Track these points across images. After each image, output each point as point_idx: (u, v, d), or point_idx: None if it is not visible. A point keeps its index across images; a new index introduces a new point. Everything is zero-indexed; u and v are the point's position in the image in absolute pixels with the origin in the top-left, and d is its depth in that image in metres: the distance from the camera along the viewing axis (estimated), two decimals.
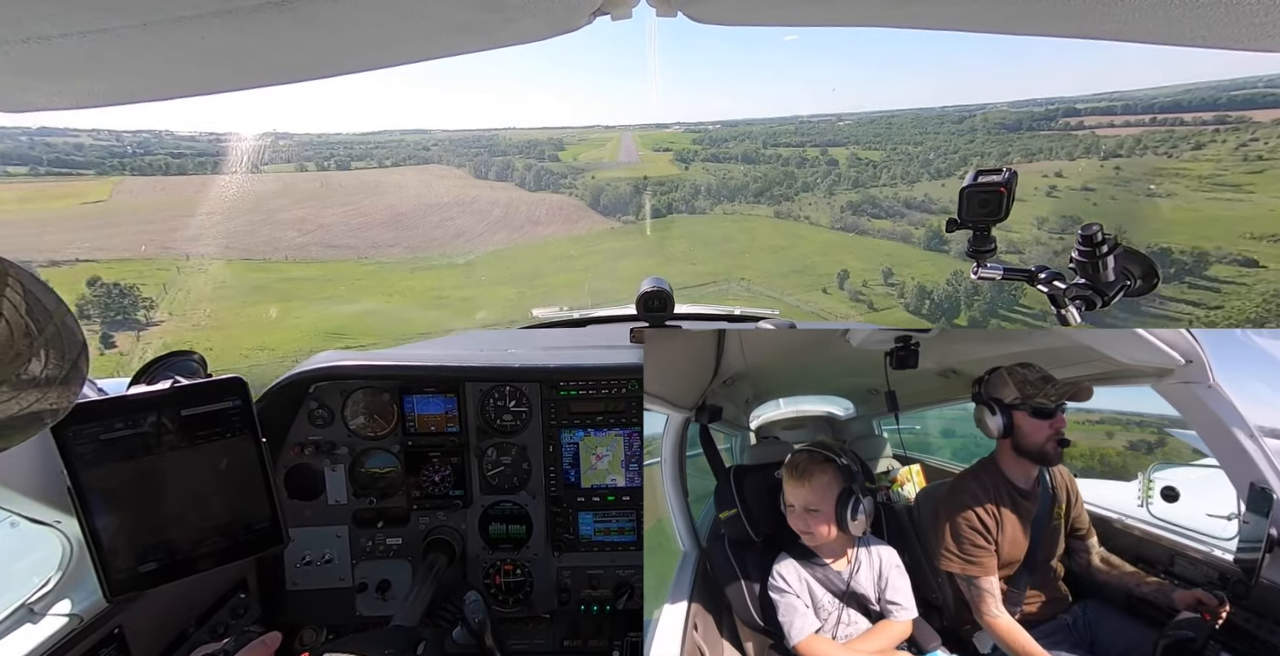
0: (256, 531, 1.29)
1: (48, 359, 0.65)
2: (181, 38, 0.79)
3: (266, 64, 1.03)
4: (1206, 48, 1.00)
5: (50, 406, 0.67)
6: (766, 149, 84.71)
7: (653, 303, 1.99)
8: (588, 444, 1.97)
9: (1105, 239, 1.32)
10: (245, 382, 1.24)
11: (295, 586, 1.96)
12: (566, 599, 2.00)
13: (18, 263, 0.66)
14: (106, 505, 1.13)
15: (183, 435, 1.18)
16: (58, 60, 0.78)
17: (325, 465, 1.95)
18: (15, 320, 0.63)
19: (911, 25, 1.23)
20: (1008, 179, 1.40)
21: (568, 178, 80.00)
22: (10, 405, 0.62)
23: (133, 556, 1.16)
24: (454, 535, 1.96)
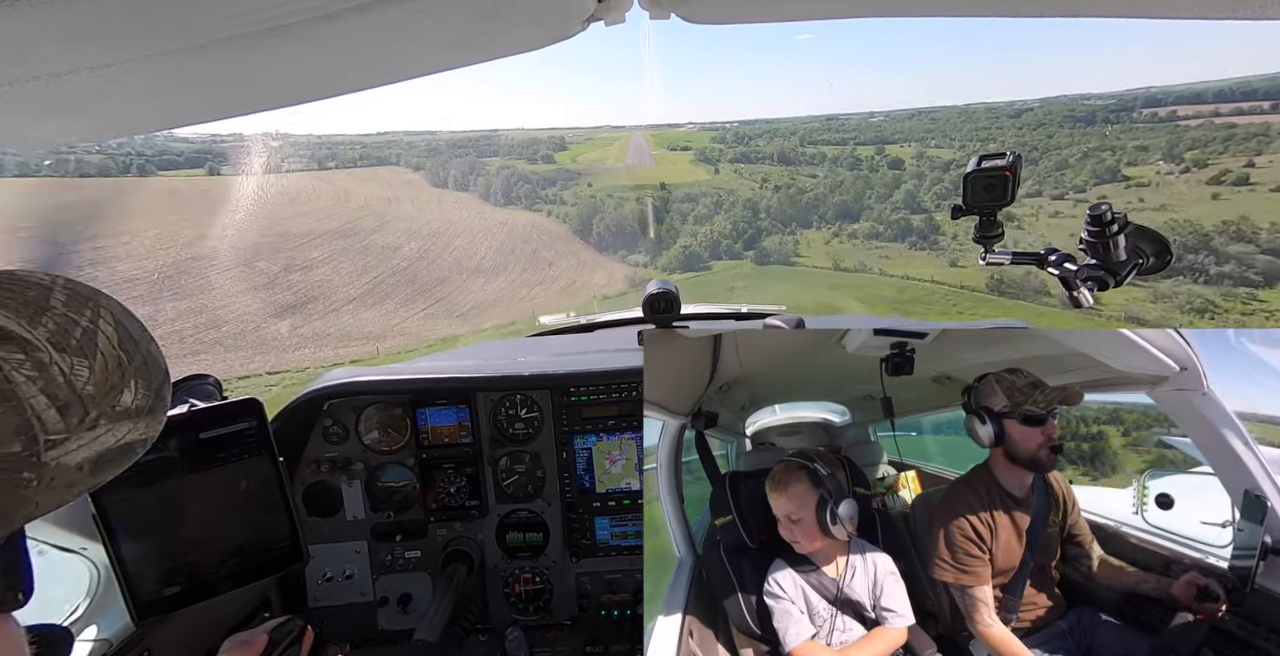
0: (277, 550, 1.30)
1: (137, 389, 0.66)
2: (187, 67, 0.80)
3: (271, 88, 1.05)
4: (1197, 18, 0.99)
5: (141, 437, 0.68)
6: (804, 147, 71.45)
7: (659, 305, 1.99)
8: (601, 448, 1.98)
9: (1115, 218, 1.28)
10: (261, 403, 1.26)
11: (317, 603, 1.97)
12: (586, 605, 2.00)
13: None
14: (130, 530, 1.14)
15: (201, 458, 1.20)
16: (67, 96, 0.79)
17: (342, 481, 1.96)
18: (109, 352, 0.64)
19: (900, 13, 1.23)
20: (1012, 163, 1.38)
21: (556, 184, 62.70)
22: (107, 437, 0.63)
23: (158, 580, 1.17)
24: (472, 545, 1.97)
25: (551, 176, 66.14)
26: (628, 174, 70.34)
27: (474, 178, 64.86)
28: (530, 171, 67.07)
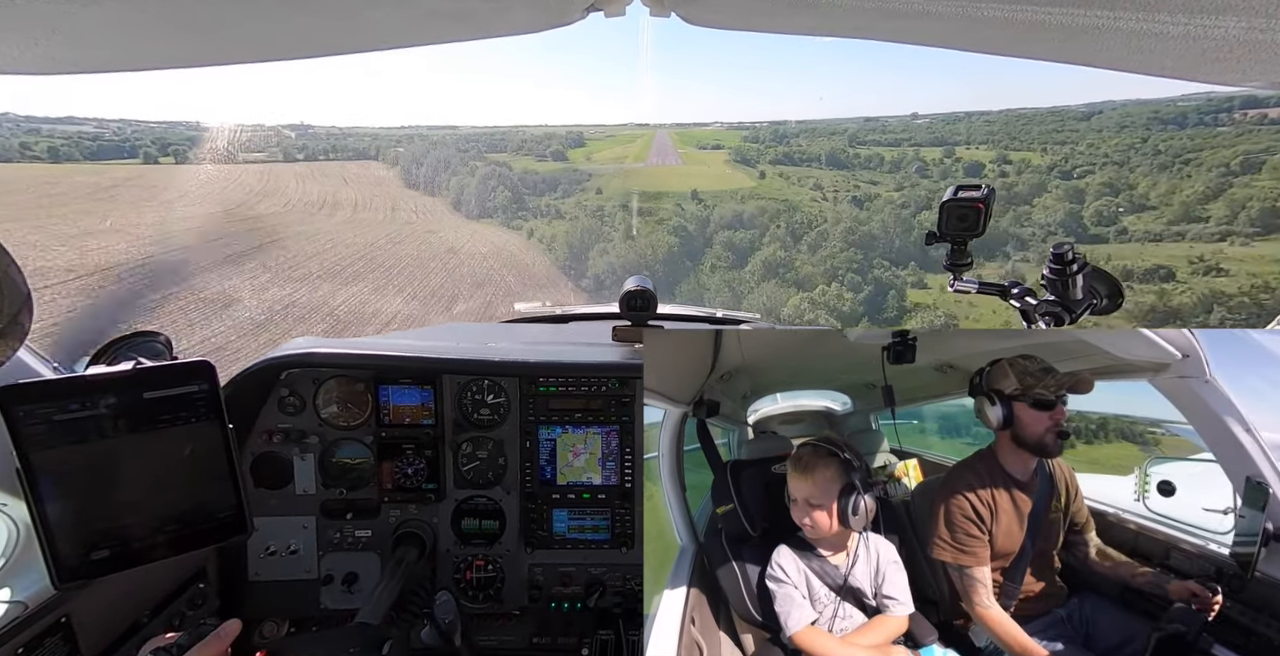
0: (219, 520, 1.23)
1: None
2: (158, 6, 0.75)
3: (246, 39, 1.00)
4: (1176, 78, 1.02)
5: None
6: (853, 147, 63.44)
7: (636, 302, 1.98)
8: (565, 441, 1.95)
9: (1075, 258, 1.38)
10: (212, 366, 1.20)
11: (258, 577, 1.92)
12: (537, 596, 1.98)
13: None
14: (57, 489, 1.08)
15: (143, 419, 1.13)
16: (25, 21, 0.73)
17: (294, 454, 1.91)
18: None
19: (896, 39, 1.25)
20: (986, 195, 1.45)
21: (558, 189, 50.93)
22: None
23: (84, 543, 1.11)
24: (425, 529, 1.94)
25: (555, 177, 55.44)
26: (648, 177, 57.65)
27: (449, 178, 51.96)
28: (529, 171, 57.12)
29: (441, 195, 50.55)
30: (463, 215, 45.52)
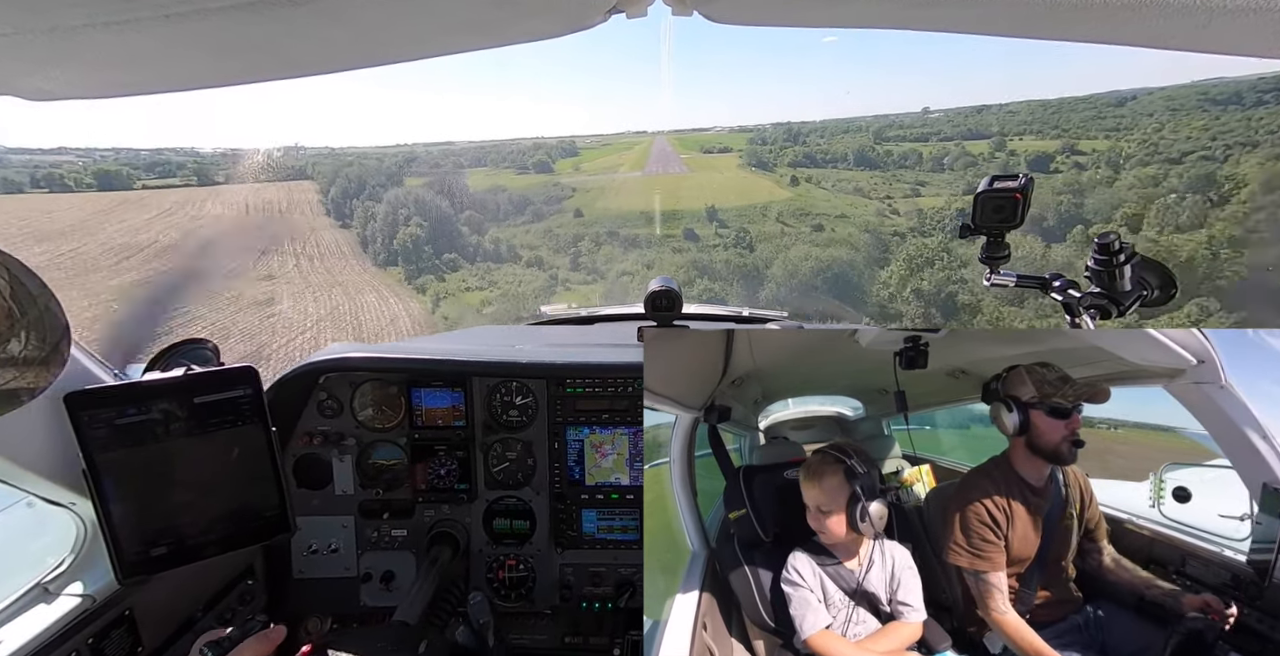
0: (265, 519, 1.30)
1: (28, 340, 0.68)
2: (202, 30, 0.79)
3: (283, 57, 1.04)
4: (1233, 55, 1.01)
5: (27, 385, 0.70)
6: (881, 144, 57.55)
7: (661, 302, 2.00)
8: (593, 441, 1.97)
9: (1123, 248, 1.31)
10: (257, 371, 1.26)
11: (301, 574, 1.97)
12: (568, 595, 2.00)
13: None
14: (119, 489, 1.14)
15: (194, 422, 1.19)
16: (80, 50, 0.78)
17: (333, 455, 1.96)
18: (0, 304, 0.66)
19: (926, 28, 1.24)
20: (1024, 185, 1.40)
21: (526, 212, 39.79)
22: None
23: (144, 540, 1.18)
24: (458, 528, 1.98)
25: (527, 197, 43.02)
26: (648, 189, 44.29)
27: (370, 205, 39.89)
28: (496, 187, 44.86)
29: (353, 226, 39.82)
30: (375, 265, 33.67)
